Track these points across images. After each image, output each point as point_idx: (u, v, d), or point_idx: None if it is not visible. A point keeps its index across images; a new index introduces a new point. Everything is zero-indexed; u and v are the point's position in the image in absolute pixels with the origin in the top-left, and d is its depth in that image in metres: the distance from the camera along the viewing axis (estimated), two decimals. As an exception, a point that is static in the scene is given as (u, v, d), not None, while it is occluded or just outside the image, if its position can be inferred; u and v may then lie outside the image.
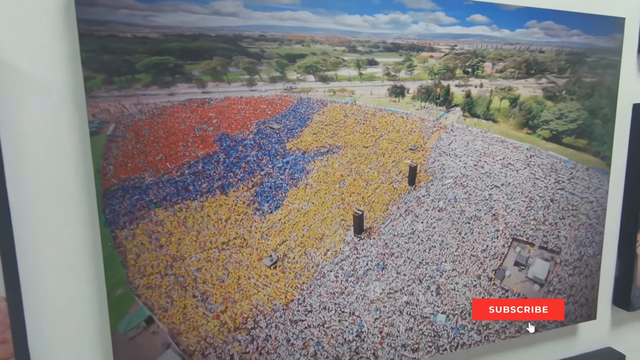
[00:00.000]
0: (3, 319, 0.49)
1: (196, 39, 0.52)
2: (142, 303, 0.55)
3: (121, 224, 0.53)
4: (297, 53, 0.58)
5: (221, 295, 0.59)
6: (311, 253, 0.63)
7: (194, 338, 0.58)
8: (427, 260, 0.70)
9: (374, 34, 0.61)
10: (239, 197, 0.58)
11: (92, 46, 0.48)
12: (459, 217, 0.72)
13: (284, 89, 0.58)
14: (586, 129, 0.77)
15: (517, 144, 0.74)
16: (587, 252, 0.81)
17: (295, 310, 0.63)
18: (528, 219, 0.76)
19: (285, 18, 0.55)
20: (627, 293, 0.88)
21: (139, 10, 0.49)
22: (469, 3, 0.65)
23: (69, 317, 0.55)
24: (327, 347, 0.65)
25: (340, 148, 0.64)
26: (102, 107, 0.50)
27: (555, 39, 0.72)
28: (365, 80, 0.63)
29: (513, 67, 0.70)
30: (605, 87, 0.77)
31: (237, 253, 0.59)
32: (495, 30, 0.68)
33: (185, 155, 0.55)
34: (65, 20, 0.49)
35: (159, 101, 0.52)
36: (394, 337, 0.70)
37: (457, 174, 0.71)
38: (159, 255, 0.55)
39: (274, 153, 0.60)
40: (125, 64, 0.50)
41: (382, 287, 0.68)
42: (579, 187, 0.79)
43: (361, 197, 0.65)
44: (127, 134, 0.51)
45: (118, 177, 0.51)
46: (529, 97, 0.73)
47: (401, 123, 0.66)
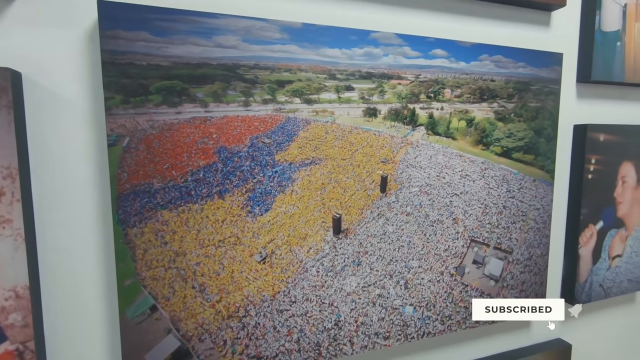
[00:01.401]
0: (26, 304, 0.55)
1: (201, 66, 0.59)
2: (147, 292, 0.60)
3: (132, 223, 0.58)
4: (286, 79, 0.64)
5: (217, 286, 0.64)
6: (296, 250, 0.69)
7: (192, 324, 0.63)
8: (396, 258, 0.76)
9: (351, 64, 0.68)
10: (234, 201, 0.64)
11: (112, 72, 0.55)
12: (424, 221, 0.78)
13: (274, 109, 0.65)
14: (532, 146, 0.86)
15: (473, 158, 0.81)
16: (536, 252, 0.90)
17: (281, 300, 0.68)
18: (484, 223, 0.84)
19: (275, 50, 0.63)
20: (572, 289, 0.98)
21: (154, 42, 0.56)
22: (431, 40, 0.74)
23: (82, 304, 0.60)
24: (309, 334, 0.71)
25: (322, 160, 0.70)
26: (119, 123, 0.56)
27: (504, 70, 0.81)
28: (343, 102, 0.69)
29: (469, 93, 0.79)
30: (547, 110, 0.87)
31: (231, 250, 0.64)
32: (454, 62, 0.76)
33: (188, 164, 0.61)
34: (91, 50, 0.57)
35: (168, 118, 0.59)
36: (368, 326, 0.75)
37: (422, 183, 0.78)
38: (163, 250, 0.60)
39: (265, 164, 0.66)
40: (140, 87, 0.56)
41: (357, 281, 0.73)
42: (527, 196, 0.88)
43: (339, 202, 0.71)
44: (140, 146, 0.58)
45: (131, 183, 0.58)
46: (483, 118, 0.81)
47: (374, 139, 0.73)
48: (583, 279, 0.98)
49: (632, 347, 1.14)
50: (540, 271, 0.92)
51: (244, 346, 0.66)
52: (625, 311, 1.11)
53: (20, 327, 0.54)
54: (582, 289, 0.99)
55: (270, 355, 0.68)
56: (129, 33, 0.55)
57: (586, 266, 0.98)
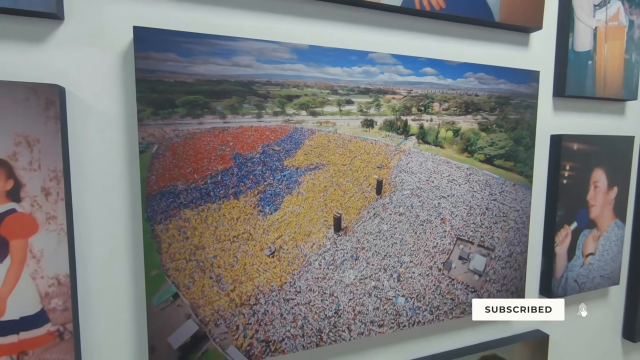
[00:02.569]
0: (66, 291, 0.63)
1: (220, 83, 0.67)
2: (170, 282, 0.66)
3: (158, 220, 0.65)
4: (294, 94, 0.72)
5: (231, 277, 0.70)
6: (301, 246, 0.76)
7: (209, 311, 0.69)
8: (390, 253, 0.83)
9: (351, 81, 0.76)
10: (247, 202, 0.71)
11: (144, 87, 0.62)
12: (415, 220, 0.85)
13: (283, 120, 0.72)
14: (512, 154, 0.95)
15: (459, 164, 0.89)
16: (516, 250, 0.99)
17: (287, 290, 0.75)
18: (468, 222, 0.92)
19: (285, 69, 0.71)
20: (549, 284, 1.06)
21: (180, 62, 0.64)
22: (422, 59, 0.82)
23: (113, 291, 0.66)
24: (312, 321, 0.77)
25: (325, 165, 0.77)
26: (149, 132, 0.63)
27: (486, 86, 0.89)
28: (344, 115, 0.77)
29: (455, 106, 0.87)
30: (526, 122, 0.96)
31: (244, 244, 0.71)
32: (442, 79, 0.84)
33: (208, 169, 0.68)
34: (125, 68, 0.64)
35: (191, 128, 0.66)
36: (364, 314, 0.82)
37: (413, 186, 0.85)
38: (185, 245, 0.67)
39: (275, 168, 0.73)
40: (167, 101, 0.64)
41: (355, 274, 0.80)
42: (508, 199, 0.96)
43: (340, 203, 0.78)
44: (167, 152, 0.65)
45: (158, 185, 0.65)
46: (468, 129, 0.89)
47: (371, 147, 0.80)
48: (559, 274, 1.07)
49: (603, 337, 1.23)
50: (520, 267, 1.01)
51: (254, 331, 0.73)
52: (598, 304, 1.20)
53: (60, 311, 0.62)
54: (559, 283, 1.07)
55: (278, 339, 0.76)
56: (158, 54, 0.63)
57: (562, 263, 1.07)
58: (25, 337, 0.60)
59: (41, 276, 0.60)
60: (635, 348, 1.29)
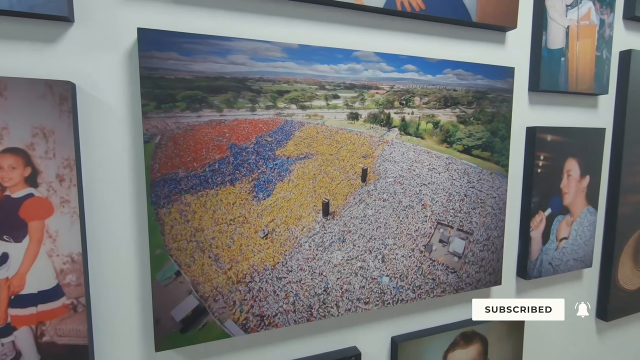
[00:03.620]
0: (79, 268, 0.69)
1: (217, 79, 0.72)
2: (173, 260, 0.72)
3: (161, 204, 0.71)
4: (285, 90, 0.77)
5: (228, 257, 0.76)
6: (292, 229, 0.81)
7: (209, 287, 0.75)
8: (375, 236, 0.89)
9: (337, 77, 0.81)
10: (243, 188, 0.77)
11: (148, 84, 0.67)
12: (398, 206, 0.92)
13: (275, 113, 0.77)
14: (489, 144, 1.01)
15: (439, 154, 0.95)
16: (493, 234, 1.05)
17: (280, 270, 0.80)
18: (448, 208, 0.98)
19: (277, 66, 0.76)
20: (525, 266, 1.13)
21: (181, 61, 0.69)
22: (403, 57, 0.88)
23: (121, 269, 0.72)
24: (302, 298, 0.83)
25: (314, 155, 0.82)
26: (152, 124, 0.69)
27: (464, 81, 0.95)
28: (331, 108, 0.82)
29: (435, 100, 0.93)
30: (502, 115, 1.02)
31: (240, 227, 0.76)
32: (422, 75, 0.90)
33: (207, 158, 0.73)
34: (130, 66, 0.69)
35: (191, 121, 0.71)
36: (351, 292, 0.88)
37: (396, 174, 0.91)
38: (186, 227, 0.73)
39: (267, 157, 0.78)
40: (169, 96, 0.69)
41: (342, 255, 0.86)
42: (485, 186, 1.02)
43: (328, 190, 0.84)
44: (169, 143, 0.70)
45: (161, 172, 0.71)
46: (447, 121, 0.95)
47: (356, 138, 0.85)
48: (534, 257, 1.15)
49: (574, 316, 1.31)
50: (497, 250, 1.07)
51: (250, 306, 0.79)
52: (571, 286, 1.28)
53: (74, 286, 0.68)
54: (534, 266, 1.15)
55: (271, 314, 0.82)
56: (161, 53, 0.69)
57: (537, 246, 1.14)
58: (43, 309, 0.66)
59: (57, 254, 0.66)
60: (607, 327, 1.38)
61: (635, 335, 1.45)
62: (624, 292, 1.34)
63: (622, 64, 1.24)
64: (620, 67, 1.25)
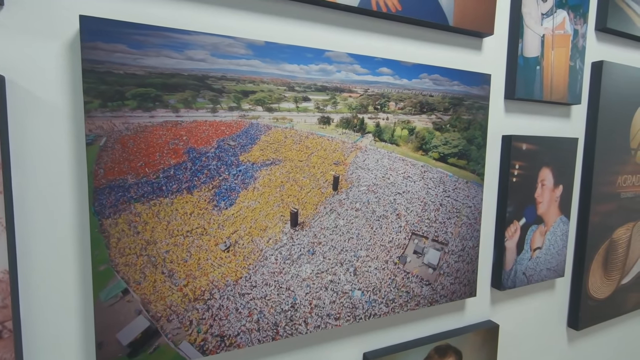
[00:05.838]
0: (5, 287, 0.60)
1: (173, 76, 0.66)
2: (120, 277, 0.65)
3: (107, 214, 0.64)
4: (250, 90, 0.72)
5: (184, 272, 0.70)
6: (257, 240, 0.76)
7: (161, 306, 0.68)
8: (346, 248, 0.85)
9: (308, 79, 0.77)
10: (202, 196, 0.71)
11: (92, 79, 0.60)
12: (371, 216, 0.87)
13: (239, 115, 0.72)
14: (465, 152, 0.99)
15: (414, 162, 0.91)
16: (468, 244, 1.03)
17: (243, 285, 0.75)
18: (423, 218, 0.95)
19: (241, 64, 0.71)
20: (499, 276, 1.12)
21: (130, 54, 0.63)
22: (378, 59, 0.84)
23: (57, 288, 0.64)
24: (268, 315, 0.78)
25: (281, 161, 0.77)
26: (97, 125, 0.62)
27: (441, 87, 0.92)
28: (300, 111, 0.77)
29: (410, 106, 0.89)
30: (478, 122, 1.00)
31: (198, 239, 0.70)
32: (397, 79, 0.87)
33: (160, 163, 0.67)
34: (72, 58, 0.62)
35: (142, 121, 0.65)
36: (321, 308, 0.83)
37: (370, 183, 0.87)
38: (135, 239, 0.66)
39: (230, 163, 0.73)
40: (117, 93, 0.62)
41: (312, 268, 0.82)
42: (461, 196, 1.00)
43: (296, 198, 0.79)
44: (116, 145, 0.63)
45: (107, 178, 0.63)
46: (423, 128, 0.92)
47: (327, 144, 0.81)
48: (509, 267, 1.13)
49: (549, 326, 1.31)
50: (472, 260, 1.05)
51: (209, 326, 0.73)
52: (544, 295, 1.28)
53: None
54: (508, 276, 1.14)
55: (233, 334, 0.76)
56: (107, 45, 0.62)
57: (511, 256, 1.13)
58: (-41, 336, 0.57)
59: (-23, 272, 0.57)
60: (578, 335, 1.38)
61: (604, 343, 1.47)
62: (594, 301, 1.35)
63: (594, 75, 1.25)
64: (592, 78, 1.26)
